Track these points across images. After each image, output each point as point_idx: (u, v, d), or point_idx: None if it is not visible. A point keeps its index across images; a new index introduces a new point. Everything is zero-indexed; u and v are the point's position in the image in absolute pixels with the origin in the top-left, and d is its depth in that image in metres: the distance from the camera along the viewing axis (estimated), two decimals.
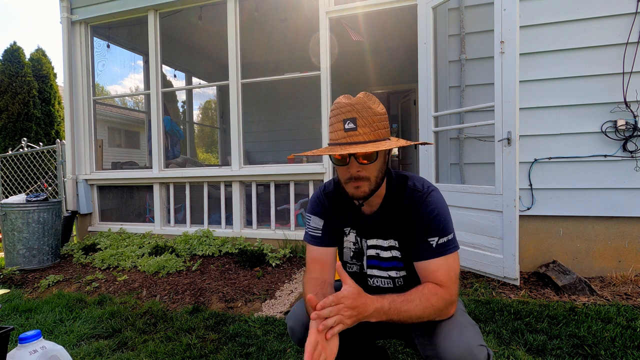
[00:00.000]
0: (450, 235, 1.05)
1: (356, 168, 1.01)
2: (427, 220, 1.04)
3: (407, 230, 1.09)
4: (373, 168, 1.02)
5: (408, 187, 1.10)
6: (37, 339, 1.37)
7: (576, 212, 2.72)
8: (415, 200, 1.07)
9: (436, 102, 2.98)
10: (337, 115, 1.00)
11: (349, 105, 0.98)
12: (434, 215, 1.04)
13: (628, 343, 1.71)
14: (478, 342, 0.94)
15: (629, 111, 2.59)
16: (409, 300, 0.95)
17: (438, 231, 1.03)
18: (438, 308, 0.97)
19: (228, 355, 1.79)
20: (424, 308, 0.95)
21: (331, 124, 1.02)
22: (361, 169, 1.01)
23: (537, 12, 2.75)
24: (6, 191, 5.18)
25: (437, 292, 0.98)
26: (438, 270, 1.02)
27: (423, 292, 0.97)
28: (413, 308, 0.94)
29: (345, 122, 0.98)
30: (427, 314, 0.96)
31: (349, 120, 0.97)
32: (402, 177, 1.14)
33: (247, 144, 5.21)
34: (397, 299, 0.95)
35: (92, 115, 4.35)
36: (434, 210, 1.05)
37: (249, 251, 3.37)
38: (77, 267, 3.45)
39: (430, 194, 1.07)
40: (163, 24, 4.13)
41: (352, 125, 0.97)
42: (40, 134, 7.32)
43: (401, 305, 0.94)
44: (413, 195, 1.08)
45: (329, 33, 3.42)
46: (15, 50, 7.18)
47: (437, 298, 0.97)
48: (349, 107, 0.98)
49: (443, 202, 1.08)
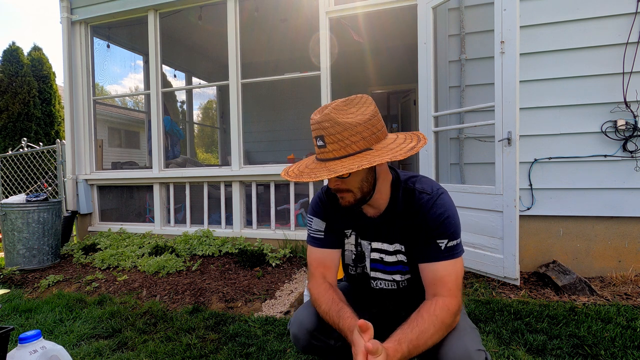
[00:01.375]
0: (458, 239, 1.03)
1: (333, 182, 1.01)
2: (437, 223, 1.02)
3: (415, 233, 1.07)
4: (352, 181, 1.01)
5: (417, 190, 1.07)
6: (37, 339, 1.37)
7: (576, 212, 2.72)
8: (424, 203, 1.05)
9: (436, 102, 2.98)
10: (312, 131, 1.00)
11: (316, 123, 0.97)
12: (444, 217, 1.02)
13: (628, 343, 1.71)
14: (476, 347, 0.93)
15: (629, 111, 2.59)
16: (424, 331, 0.91)
17: (448, 234, 1.01)
18: (449, 325, 0.94)
19: (228, 355, 1.79)
20: (437, 331, 0.92)
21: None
22: (339, 182, 1.01)
23: (537, 12, 2.76)
24: (6, 191, 5.18)
25: (448, 309, 0.94)
26: (447, 276, 0.99)
27: (434, 313, 0.94)
28: (430, 337, 0.91)
29: (317, 139, 0.98)
30: (440, 336, 0.93)
31: (318, 137, 0.97)
32: (409, 179, 1.11)
33: (247, 144, 5.21)
34: (412, 336, 0.90)
35: (92, 115, 4.35)
36: (445, 212, 1.02)
37: (249, 251, 3.37)
38: (77, 267, 3.45)
39: (440, 197, 1.05)
40: (163, 24, 4.13)
41: (321, 142, 0.97)
42: (40, 134, 7.32)
43: (418, 342, 0.90)
44: (422, 198, 1.05)
45: (329, 33, 3.42)
46: (15, 50, 7.19)
47: (449, 314, 0.94)
48: (317, 124, 0.96)
49: (453, 205, 1.06)
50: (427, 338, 0.90)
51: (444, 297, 0.97)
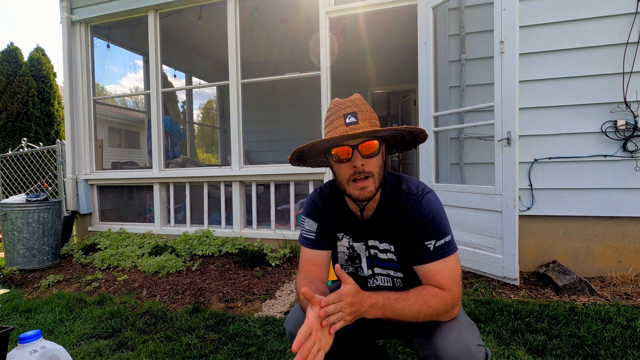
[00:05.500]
0: (447, 237, 1.03)
1: (360, 161, 1.00)
2: (423, 224, 1.03)
3: (403, 234, 1.08)
4: (375, 163, 1.02)
5: (402, 191, 1.08)
6: (37, 339, 1.38)
7: (576, 212, 2.72)
8: (410, 204, 1.05)
9: (436, 102, 2.98)
10: (336, 112, 1.01)
11: (348, 101, 1.02)
12: (429, 218, 1.03)
13: (628, 343, 1.71)
14: (476, 342, 0.94)
15: (629, 111, 2.59)
16: (404, 299, 0.95)
17: (435, 234, 1.02)
18: (437, 310, 0.96)
19: (228, 355, 1.79)
20: (420, 308, 0.94)
21: (330, 122, 1.02)
22: (365, 162, 1.00)
23: (537, 12, 2.76)
24: (6, 191, 5.18)
25: (437, 295, 0.97)
26: (439, 274, 1.00)
27: (421, 293, 0.97)
28: (408, 307, 0.94)
29: (346, 116, 0.99)
30: (422, 315, 0.95)
31: (350, 114, 0.98)
32: (395, 180, 1.12)
33: (247, 144, 5.21)
34: (392, 296, 0.95)
35: (92, 115, 4.35)
36: (430, 213, 1.03)
37: (249, 251, 3.37)
38: (77, 267, 3.45)
39: (424, 197, 1.05)
40: (163, 24, 4.13)
41: (353, 119, 0.98)
42: (40, 134, 7.32)
43: (395, 303, 0.94)
44: (407, 199, 1.06)
45: (329, 33, 3.42)
46: (13, 50, 7.19)
47: (437, 301, 0.96)
48: (349, 102, 1.01)
49: (438, 204, 1.07)
50: (407, 306, 0.94)
51: (435, 287, 1.00)
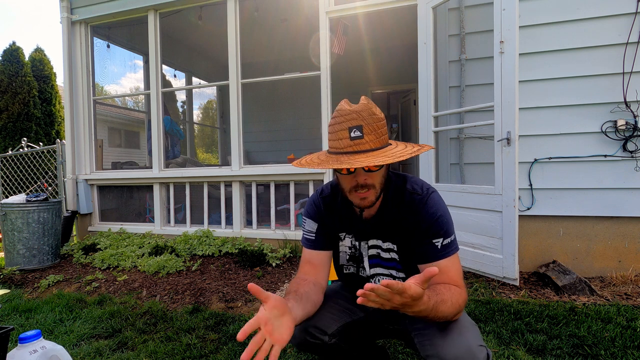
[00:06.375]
0: (452, 237, 1.04)
1: (363, 177, 0.99)
2: (430, 223, 1.03)
3: (406, 234, 1.08)
4: (379, 175, 1.01)
5: (407, 190, 1.08)
6: (37, 339, 1.37)
7: (576, 212, 2.72)
8: (416, 204, 1.06)
9: (436, 102, 2.98)
10: (341, 122, 0.96)
11: (354, 112, 0.94)
12: (437, 217, 1.03)
13: (628, 343, 1.71)
14: (477, 342, 0.94)
15: (629, 111, 2.59)
16: (444, 302, 0.91)
17: (442, 232, 1.03)
18: (460, 308, 0.96)
19: (228, 355, 1.79)
20: (453, 309, 0.93)
21: (334, 132, 0.98)
22: (367, 176, 0.99)
23: (537, 12, 2.75)
24: (6, 191, 5.18)
25: (461, 293, 0.97)
26: (450, 271, 1.01)
27: (453, 293, 0.94)
28: (446, 309, 0.91)
29: (351, 130, 0.94)
30: (452, 314, 0.94)
31: (355, 128, 0.93)
32: (400, 179, 1.12)
33: (247, 144, 5.20)
34: (438, 298, 0.89)
35: (92, 115, 4.35)
36: (437, 212, 1.04)
37: (249, 251, 3.37)
38: (77, 267, 3.45)
39: (430, 197, 1.06)
40: (163, 24, 4.13)
41: (358, 133, 0.93)
42: (40, 134, 7.33)
43: (439, 306, 0.89)
44: (413, 199, 1.06)
45: (329, 33, 3.42)
46: (15, 50, 7.19)
47: (461, 299, 0.96)
48: (355, 114, 0.94)
49: (443, 204, 1.08)
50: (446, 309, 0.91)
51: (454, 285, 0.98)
